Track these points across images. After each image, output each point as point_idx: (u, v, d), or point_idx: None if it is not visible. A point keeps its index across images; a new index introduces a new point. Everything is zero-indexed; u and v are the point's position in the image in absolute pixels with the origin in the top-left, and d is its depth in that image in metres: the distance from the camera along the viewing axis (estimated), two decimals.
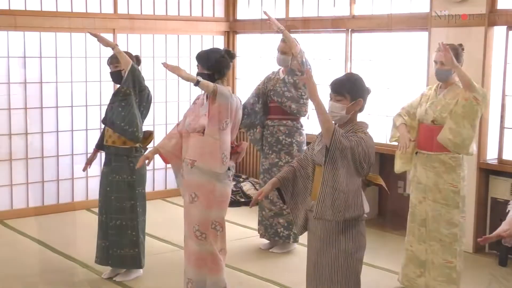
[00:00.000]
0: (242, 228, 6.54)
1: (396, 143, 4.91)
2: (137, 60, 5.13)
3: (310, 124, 6.28)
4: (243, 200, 7.54)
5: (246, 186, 7.72)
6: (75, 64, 7.17)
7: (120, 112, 4.82)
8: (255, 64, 7.96)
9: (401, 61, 6.57)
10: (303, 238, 4.05)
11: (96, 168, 5.30)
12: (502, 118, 5.84)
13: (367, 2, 6.85)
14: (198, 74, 4.34)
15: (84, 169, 5.43)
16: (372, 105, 6.69)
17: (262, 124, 5.90)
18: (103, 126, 5.23)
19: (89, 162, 5.37)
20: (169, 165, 7.71)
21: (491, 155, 5.95)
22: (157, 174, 7.82)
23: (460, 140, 4.53)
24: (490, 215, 5.96)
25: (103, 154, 5.22)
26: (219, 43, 8.23)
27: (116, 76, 5.02)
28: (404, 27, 6.45)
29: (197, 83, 4.22)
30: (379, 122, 6.67)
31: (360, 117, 3.62)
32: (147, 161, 4.54)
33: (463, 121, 4.51)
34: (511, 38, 5.70)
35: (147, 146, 5.21)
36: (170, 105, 7.88)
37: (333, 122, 3.45)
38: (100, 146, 5.22)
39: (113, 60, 5.01)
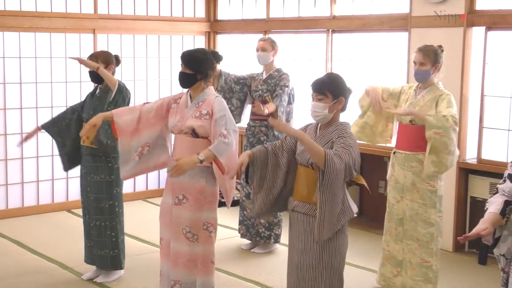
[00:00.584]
0: (223, 228, 6.54)
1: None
2: (116, 60, 5.11)
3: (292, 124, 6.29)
4: (223, 200, 7.50)
5: None
6: (54, 64, 7.13)
7: (106, 130, 4.80)
8: (236, 64, 7.96)
9: (381, 61, 6.61)
10: (285, 238, 4.06)
11: (76, 169, 5.24)
12: (481, 118, 5.89)
13: (347, 3, 6.88)
14: (180, 73, 4.29)
15: (18, 145, 5.36)
16: (353, 105, 6.73)
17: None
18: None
19: (26, 138, 5.16)
20: None
21: (470, 155, 6.00)
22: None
23: (445, 168, 4.58)
24: (469, 214, 6.01)
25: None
26: (200, 43, 8.22)
27: (95, 75, 5.00)
28: (384, 27, 6.49)
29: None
30: None
31: (341, 117, 3.63)
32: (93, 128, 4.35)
33: (441, 153, 4.53)
34: (490, 39, 5.76)
35: None
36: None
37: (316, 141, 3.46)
38: (47, 127, 5.13)
39: (93, 60, 4.99)
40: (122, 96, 4.91)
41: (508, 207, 2.77)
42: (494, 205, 2.80)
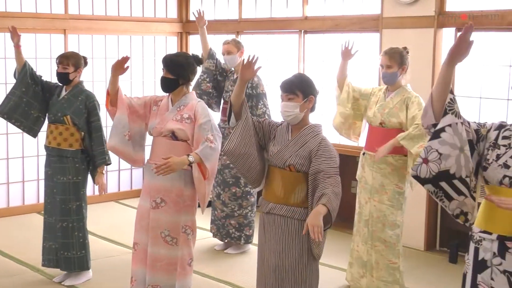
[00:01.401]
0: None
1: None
2: (84, 61, 5.07)
3: None
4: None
5: None
6: None
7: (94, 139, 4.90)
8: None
9: (353, 62, 6.64)
10: (257, 238, 4.06)
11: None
12: None
13: (319, 4, 6.90)
14: (162, 77, 4.27)
15: None
16: (325, 106, 6.76)
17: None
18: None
19: None
20: (122, 167, 7.72)
21: None
22: (110, 176, 7.73)
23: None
24: (440, 213, 6.07)
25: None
26: (172, 44, 8.19)
27: (63, 77, 4.95)
28: (355, 28, 6.52)
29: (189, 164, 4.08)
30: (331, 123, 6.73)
31: (312, 118, 3.65)
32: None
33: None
34: None
35: None
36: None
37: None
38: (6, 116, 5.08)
39: (63, 61, 4.95)
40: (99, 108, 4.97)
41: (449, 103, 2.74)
42: None
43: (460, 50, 2.67)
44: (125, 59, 4.28)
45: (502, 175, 2.69)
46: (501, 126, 2.81)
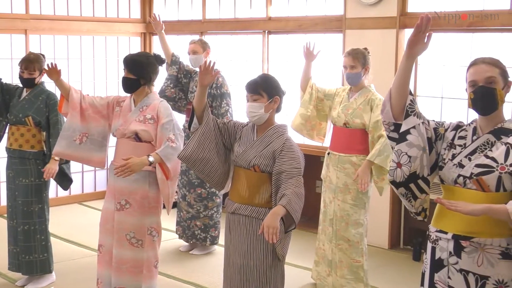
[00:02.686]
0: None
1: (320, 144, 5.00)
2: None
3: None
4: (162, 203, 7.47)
5: None
6: None
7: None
8: None
9: (317, 62, 6.67)
10: (223, 239, 4.06)
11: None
12: None
13: (283, 4, 6.93)
14: (124, 78, 4.24)
15: None
16: (290, 106, 6.78)
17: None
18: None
19: None
20: (86, 169, 7.64)
21: None
22: (73, 178, 7.62)
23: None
24: (404, 212, 6.13)
25: None
26: (136, 44, 8.14)
27: (28, 82, 4.89)
28: (319, 28, 6.56)
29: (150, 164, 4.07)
30: None
31: (278, 118, 3.66)
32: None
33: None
34: None
35: None
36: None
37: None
38: None
39: (30, 66, 4.86)
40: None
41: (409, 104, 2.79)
42: None
43: (418, 40, 2.69)
44: (54, 67, 4.33)
45: (457, 175, 2.74)
46: (458, 127, 2.87)
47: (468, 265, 2.69)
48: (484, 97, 2.72)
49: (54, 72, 4.32)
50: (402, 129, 2.77)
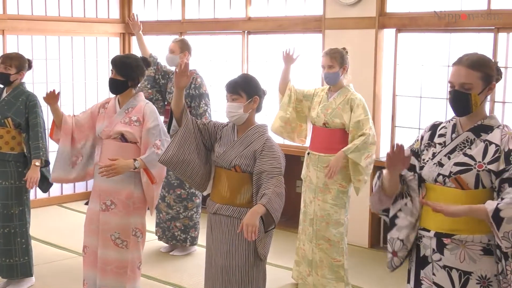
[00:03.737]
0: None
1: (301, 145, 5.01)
2: (29, 64, 4.98)
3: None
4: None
5: None
6: None
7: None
8: None
9: (296, 62, 6.69)
10: (202, 240, 4.05)
11: None
12: (393, 117, 6.07)
13: (262, 4, 6.94)
14: (111, 79, 4.23)
15: None
16: (269, 106, 6.79)
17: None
18: None
19: None
20: None
21: (384, 153, 6.16)
22: None
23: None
24: None
25: None
26: (115, 45, 8.10)
27: (2, 77, 4.84)
28: (298, 29, 6.58)
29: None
30: None
31: (258, 118, 3.66)
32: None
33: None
34: (400, 40, 5.94)
35: None
36: (64, 108, 7.67)
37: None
38: None
39: (6, 61, 4.83)
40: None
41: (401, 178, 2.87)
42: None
43: (395, 164, 2.76)
44: (53, 93, 4.32)
45: (437, 173, 2.77)
46: (434, 126, 2.91)
47: (451, 262, 2.74)
48: (457, 101, 2.76)
49: (52, 97, 4.30)
50: (391, 214, 2.88)
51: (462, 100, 2.73)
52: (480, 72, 2.72)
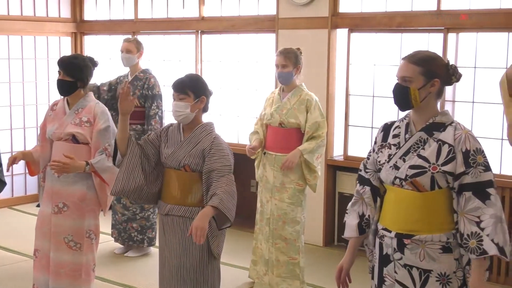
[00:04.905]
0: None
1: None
2: None
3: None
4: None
5: None
6: None
7: None
8: (104, 66, 7.80)
9: (250, 62, 6.72)
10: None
11: None
12: (346, 116, 6.12)
13: (215, 4, 6.93)
14: (59, 80, 4.17)
15: None
16: (223, 106, 6.80)
17: None
18: None
19: None
20: (16, 172, 7.46)
21: (337, 152, 6.23)
22: None
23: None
24: (338, 209, 6.23)
25: None
26: (66, 44, 7.99)
27: None
28: (252, 28, 6.59)
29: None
30: (230, 123, 6.80)
31: (210, 118, 3.66)
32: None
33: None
34: (353, 40, 6.00)
35: None
36: (15, 109, 7.55)
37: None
38: None
39: None
40: None
41: (364, 221, 2.96)
42: (349, 226, 3.01)
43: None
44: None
45: (393, 177, 2.81)
46: (386, 126, 2.95)
47: (411, 260, 2.78)
48: (397, 95, 2.82)
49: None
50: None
51: (401, 93, 2.78)
52: (421, 67, 2.75)
